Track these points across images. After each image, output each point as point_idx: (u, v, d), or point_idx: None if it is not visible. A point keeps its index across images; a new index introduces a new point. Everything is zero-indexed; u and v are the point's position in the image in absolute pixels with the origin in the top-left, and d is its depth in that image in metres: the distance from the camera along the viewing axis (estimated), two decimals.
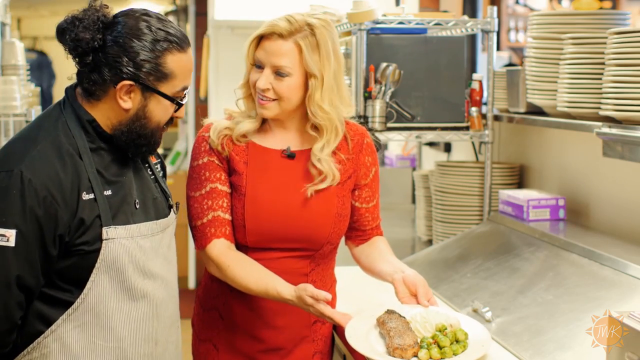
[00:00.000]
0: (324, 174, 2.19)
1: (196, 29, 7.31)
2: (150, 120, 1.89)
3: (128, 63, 1.82)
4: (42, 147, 1.81)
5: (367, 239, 2.37)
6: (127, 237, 1.88)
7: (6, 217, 1.75)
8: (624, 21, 2.87)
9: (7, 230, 1.74)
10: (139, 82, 1.84)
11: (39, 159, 1.79)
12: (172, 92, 1.88)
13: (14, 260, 1.76)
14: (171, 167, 7.80)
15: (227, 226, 2.20)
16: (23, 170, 1.76)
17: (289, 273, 2.18)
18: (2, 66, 3.69)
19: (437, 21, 3.21)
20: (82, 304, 1.84)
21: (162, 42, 1.84)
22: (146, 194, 1.99)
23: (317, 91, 2.14)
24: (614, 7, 6.57)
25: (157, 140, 1.95)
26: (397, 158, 4.69)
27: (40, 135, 1.84)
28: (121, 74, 1.82)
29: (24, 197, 1.75)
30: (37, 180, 1.76)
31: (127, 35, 1.82)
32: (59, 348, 1.84)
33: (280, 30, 2.11)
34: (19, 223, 1.75)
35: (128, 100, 1.86)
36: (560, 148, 3.12)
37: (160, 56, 1.84)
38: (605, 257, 2.44)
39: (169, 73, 1.86)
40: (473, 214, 3.30)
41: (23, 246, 1.76)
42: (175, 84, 1.88)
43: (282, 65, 2.12)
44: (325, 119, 2.17)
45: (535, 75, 2.96)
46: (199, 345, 2.34)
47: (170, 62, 1.86)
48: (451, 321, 2.02)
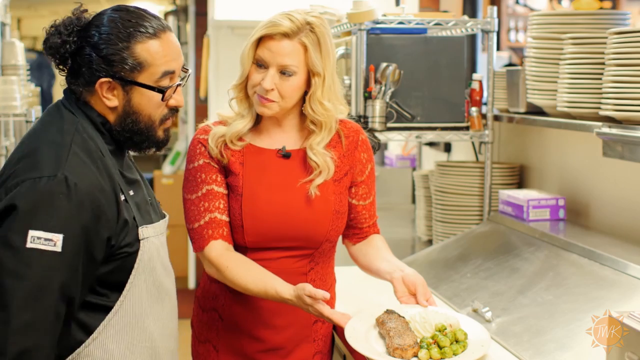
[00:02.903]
0: (319, 168, 2.20)
1: (196, 29, 7.31)
2: (140, 114, 1.86)
3: (99, 60, 1.80)
4: (74, 151, 1.77)
5: (364, 237, 2.37)
6: (155, 235, 1.90)
7: (53, 222, 1.69)
8: (624, 21, 2.87)
9: (54, 235, 1.68)
10: (116, 77, 1.82)
11: (78, 164, 1.75)
12: (152, 80, 1.84)
13: (60, 266, 1.70)
14: (171, 167, 7.80)
15: (225, 227, 2.20)
16: (68, 175, 1.72)
17: (288, 273, 2.18)
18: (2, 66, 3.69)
19: (437, 21, 3.21)
20: (121, 307, 1.83)
21: (129, 33, 1.81)
22: (150, 194, 2.02)
23: (319, 89, 2.16)
24: (614, 7, 6.58)
25: (155, 135, 1.91)
26: (397, 158, 4.69)
27: (66, 139, 1.79)
28: (96, 73, 1.81)
29: (71, 201, 1.70)
30: (83, 185, 1.72)
31: (96, 34, 1.82)
32: (100, 355, 1.82)
33: (285, 29, 2.11)
34: (66, 228, 1.70)
35: (112, 98, 1.85)
36: (560, 148, 3.12)
37: (129, 47, 1.81)
38: (605, 257, 2.44)
39: (143, 62, 1.82)
40: (473, 214, 3.30)
41: (69, 252, 1.70)
42: (153, 71, 1.83)
43: (288, 64, 2.12)
44: (325, 116, 2.18)
45: (535, 75, 2.96)
46: (198, 346, 2.33)
47: (141, 50, 1.82)
48: (450, 321, 2.02)
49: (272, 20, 2.14)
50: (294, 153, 2.24)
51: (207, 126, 2.27)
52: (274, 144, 2.25)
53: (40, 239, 1.68)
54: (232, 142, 2.22)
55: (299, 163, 2.24)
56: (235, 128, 2.22)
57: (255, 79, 2.16)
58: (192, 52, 7.38)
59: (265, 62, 2.14)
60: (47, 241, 1.68)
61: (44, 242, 1.68)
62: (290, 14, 2.13)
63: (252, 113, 2.24)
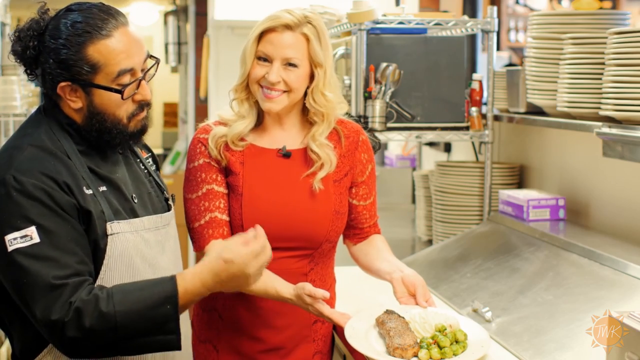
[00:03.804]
0: (321, 161, 2.20)
1: (196, 29, 7.31)
2: (105, 113, 1.86)
3: (55, 65, 1.81)
4: (29, 151, 1.80)
5: (365, 237, 2.37)
6: (131, 231, 1.88)
7: (20, 219, 1.72)
8: (624, 21, 2.87)
9: (27, 229, 1.72)
10: (74, 81, 1.82)
11: (28, 161, 1.78)
12: (109, 80, 1.83)
13: (47, 252, 1.72)
14: (171, 167, 7.81)
15: (225, 227, 2.20)
16: (14, 174, 1.75)
17: (288, 273, 2.18)
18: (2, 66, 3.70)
19: (437, 21, 3.21)
20: None
21: (79, 36, 1.80)
22: (141, 189, 2.00)
23: (321, 80, 2.18)
24: (614, 7, 6.58)
25: (126, 131, 1.90)
26: (397, 158, 4.69)
27: (24, 142, 1.83)
28: (55, 77, 1.82)
29: (27, 193, 1.73)
30: (32, 176, 1.75)
31: (50, 38, 1.82)
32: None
33: (287, 21, 2.13)
34: (35, 218, 1.73)
35: (76, 100, 1.85)
36: (560, 148, 3.12)
37: (80, 49, 1.80)
38: (605, 257, 2.44)
39: (96, 63, 1.81)
40: (473, 214, 3.30)
41: (49, 237, 1.73)
42: (109, 71, 1.82)
43: (292, 56, 2.14)
44: (327, 107, 2.21)
45: (535, 75, 2.96)
46: (198, 346, 2.34)
47: (93, 52, 1.81)
48: (450, 322, 2.02)
49: (272, 15, 2.16)
50: (295, 153, 2.25)
51: (208, 125, 2.27)
52: (274, 144, 2.25)
53: (16, 239, 1.72)
54: (233, 143, 2.22)
55: (300, 163, 2.24)
56: (237, 129, 2.22)
57: (259, 73, 2.17)
58: (192, 52, 7.38)
59: (268, 56, 2.15)
60: (23, 238, 1.72)
61: (20, 240, 1.72)
62: (290, 9, 2.17)
63: (254, 114, 2.24)
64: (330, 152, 2.23)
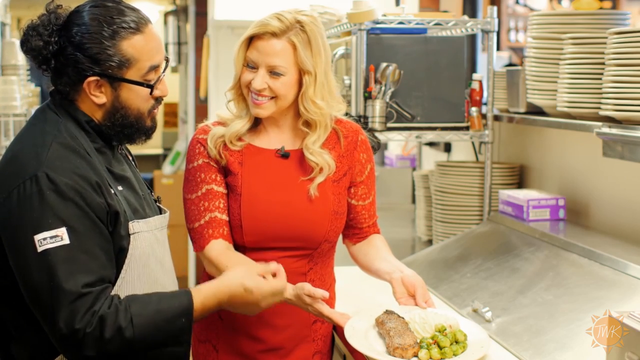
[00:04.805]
0: (319, 166, 2.20)
1: (196, 29, 7.30)
2: (129, 108, 1.87)
3: (86, 60, 1.80)
4: (55, 149, 1.78)
5: (364, 237, 2.37)
6: (148, 230, 1.89)
7: (51, 219, 1.71)
8: (624, 21, 2.87)
9: (58, 230, 1.71)
10: (104, 75, 1.82)
11: (57, 159, 1.76)
12: (139, 75, 1.85)
13: (75, 254, 1.71)
14: (171, 167, 7.81)
15: (225, 227, 2.20)
16: (47, 172, 1.73)
17: (287, 273, 2.17)
18: (2, 66, 3.70)
19: (437, 21, 3.21)
20: None
21: (113, 30, 1.81)
22: (143, 189, 2.02)
23: (310, 87, 2.16)
24: (614, 7, 6.58)
25: (145, 125, 1.92)
26: (397, 158, 4.69)
27: (47, 139, 1.81)
28: (83, 72, 1.81)
29: (61, 193, 1.72)
30: (65, 175, 1.74)
31: (79, 33, 1.81)
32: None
33: (273, 29, 2.12)
34: (66, 219, 1.72)
35: (100, 95, 1.85)
36: (560, 148, 3.12)
37: (115, 44, 1.81)
38: (605, 257, 2.44)
39: (130, 58, 1.83)
40: (473, 214, 3.30)
41: (78, 240, 1.72)
42: (140, 66, 1.85)
43: (276, 64, 2.13)
44: (318, 114, 2.18)
45: (535, 75, 2.96)
46: (198, 346, 2.34)
47: (127, 47, 1.82)
48: (450, 322, 2.02)
49: (261, 20, 2.15)
50: (293, 153, 2.25)
51: (207, 126, 2.27)
52: (272, 144, 2.25)
53: (46, 239, 1.70)
54: (231, 143, 2.22)
55: (298, 163, 2.24)
56: (234, 129, 2.22)
57: (247, 78, 2.17)
58: (192, 52, 7.37)
59: (254, 62, 2.15)
60: (53, 238, 1.70)
61: (50, 240, 1.70)
62: (280, 14, 2.14)
63: (250, 113, 2.24)
64: (327, 156, 2.22)
